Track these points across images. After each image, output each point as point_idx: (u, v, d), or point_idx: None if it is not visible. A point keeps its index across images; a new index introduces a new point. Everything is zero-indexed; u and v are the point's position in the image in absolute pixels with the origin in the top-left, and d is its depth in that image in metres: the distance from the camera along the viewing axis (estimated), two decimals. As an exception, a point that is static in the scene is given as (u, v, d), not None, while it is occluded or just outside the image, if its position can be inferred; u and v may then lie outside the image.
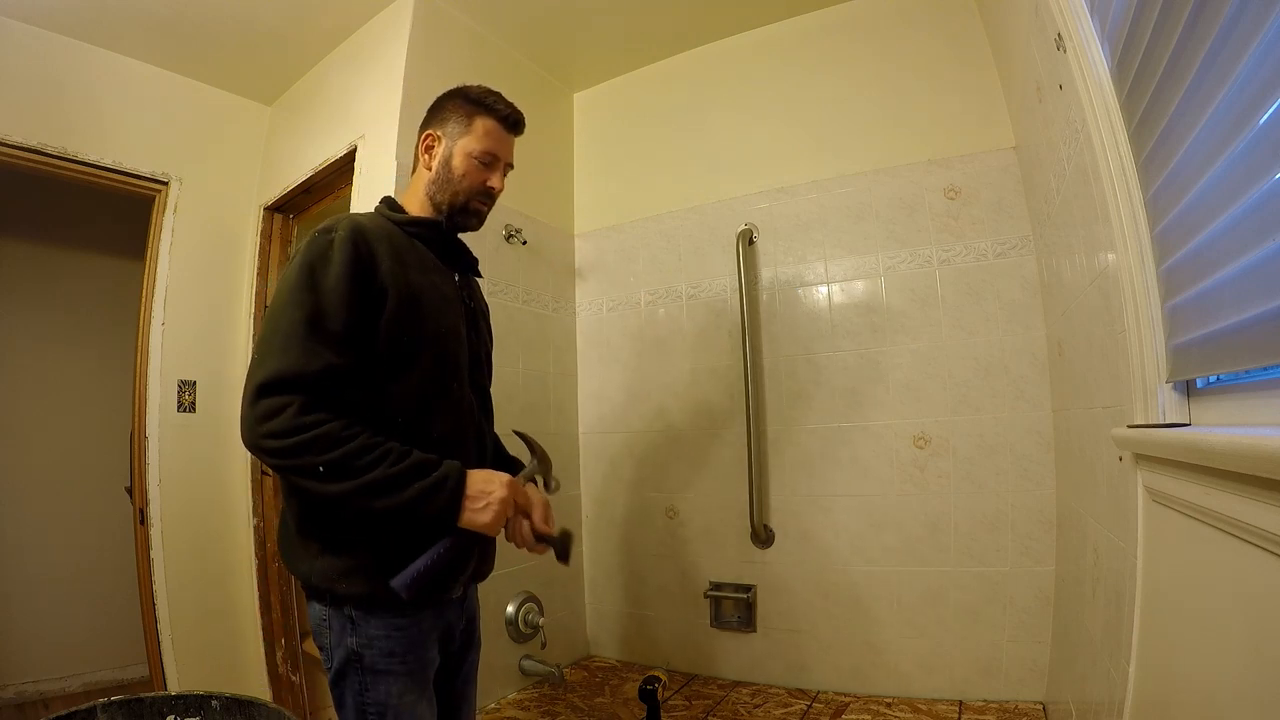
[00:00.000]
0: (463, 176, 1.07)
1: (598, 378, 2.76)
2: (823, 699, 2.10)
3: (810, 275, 2.36)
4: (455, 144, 1.07)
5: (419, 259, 1.02)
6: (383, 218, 1.04)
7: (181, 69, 2.46)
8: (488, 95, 1.10)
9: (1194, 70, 0.79)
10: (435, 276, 1.04)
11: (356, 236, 0.93)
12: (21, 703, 2.66)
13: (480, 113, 1.08)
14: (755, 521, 2.29)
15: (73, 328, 3.00)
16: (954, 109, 2.19)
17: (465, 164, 1.07)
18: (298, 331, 0.86)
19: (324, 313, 0.88)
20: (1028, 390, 2.00)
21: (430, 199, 1.08)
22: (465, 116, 1.08)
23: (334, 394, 0.86)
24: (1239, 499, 0.69)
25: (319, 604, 0.95)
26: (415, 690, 0.96)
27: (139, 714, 0.78)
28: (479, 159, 1.07)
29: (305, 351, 0.85)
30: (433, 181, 1.08)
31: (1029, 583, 1.94)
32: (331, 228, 0.95)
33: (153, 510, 2.23)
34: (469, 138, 1.07)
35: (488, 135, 1.08)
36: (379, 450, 0.85)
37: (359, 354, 0.90)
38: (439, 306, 1.01)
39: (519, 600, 2.27)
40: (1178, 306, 0.95)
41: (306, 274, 0.90)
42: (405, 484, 0.85)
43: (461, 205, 1.08)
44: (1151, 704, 1.00)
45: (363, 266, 0.92)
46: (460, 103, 1.09)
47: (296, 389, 0.83)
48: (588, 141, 2.96)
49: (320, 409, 0.84)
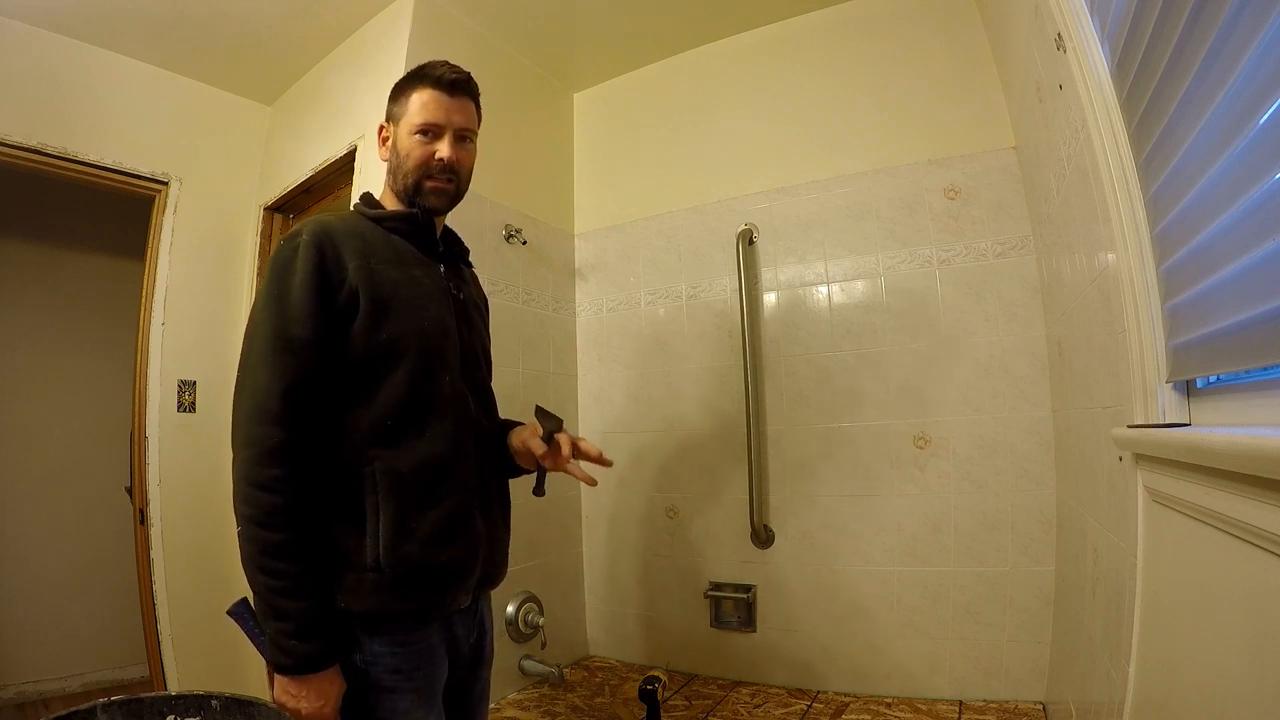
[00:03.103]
0: (407, 156, 1.02)
1: (598, 378, 2.76)
2: (823, 699, 2.10)
3: (810, 275, 2.36)
4: (399, 126, 1.04)
5: (395, 253, 0.99)
6: (357, 215, 1.02)
7: (181, 69, 2.46)
8: (424, 65, 1.04)
9: (1194, 70, 0.79)
10: (416, 270, 1.00)
11: (321, 239, 0.92)
12: (21, 703, 2.65)
13: (414, 86, 1.03)
14: (755, 521, 2.29)
15: (73, 328, 3.00)
16: (954, 109, 2.19)
17: (407, 143, 1.02)
18: (268, 350, 0.87)
19: (290, 322, 0.87)
20: (1028, 390, 2.00)
21: (392, 189, 1.05)
22: (403, 96, 1.04)
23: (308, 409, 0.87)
24: (1239, 499, 0.69)
25: None
26: (423, 706, 0.92)
27: (139, 714, 0.78)
28: (418, 132, 1.01)
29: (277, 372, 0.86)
30: (390, 171, 1.05)
31: (1029, 583, 1.94)
32: (297, 233, 0.93)
33: (153, 510, 2.23)
34: (407, 115, 1.02)
35: (424, 107, 1.01)
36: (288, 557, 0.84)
37: (333, 358, 0.89)
38: (419, 301, 0.97)
39: (519, 600, 2.27)
40: (1178, 306, 0.95)
41: (274, 284, 0.89)
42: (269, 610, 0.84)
43: (414, 185, 1.02)
44: (1151, 704, 1.00)
45: (326, 269, 0.90)
46: (400, 84, 1.05)
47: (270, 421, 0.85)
48: (588, 141, 2.96)
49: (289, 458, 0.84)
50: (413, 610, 0.91)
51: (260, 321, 0.89)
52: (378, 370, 0.92)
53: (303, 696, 0.84)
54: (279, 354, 0.86)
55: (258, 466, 0.84)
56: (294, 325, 0.87)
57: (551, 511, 2.50)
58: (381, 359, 0.92)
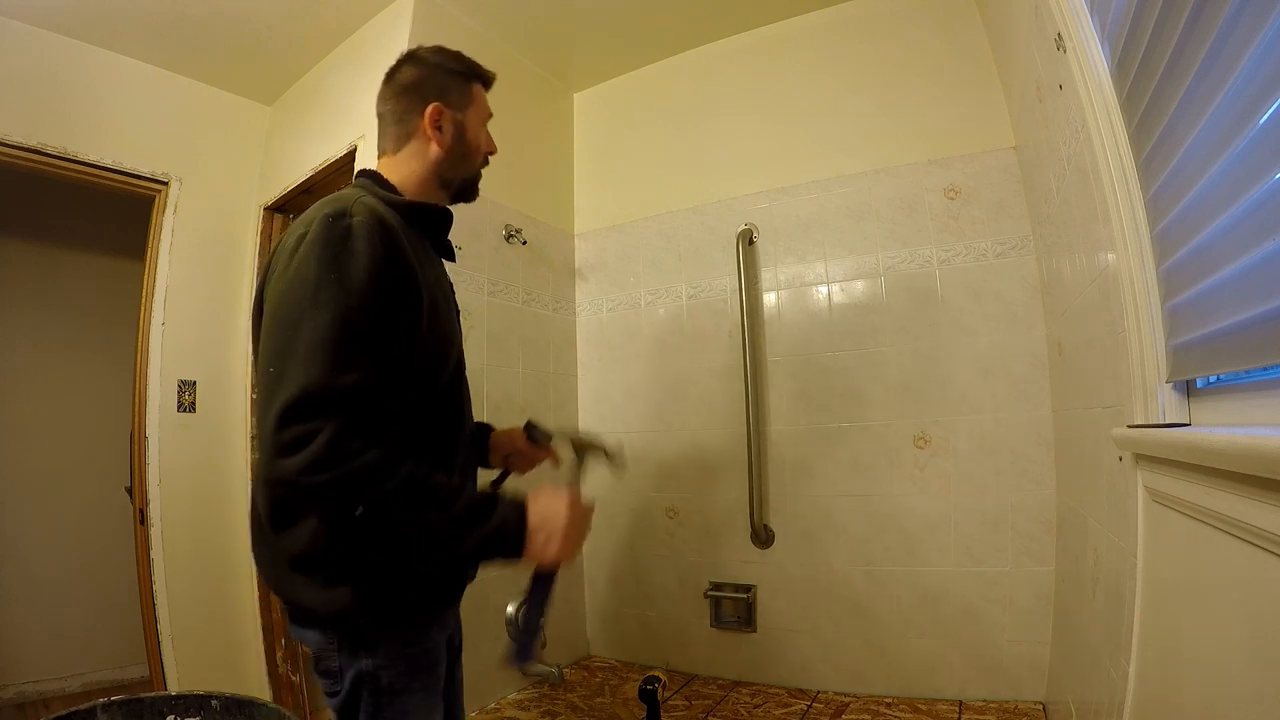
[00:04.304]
0: (477, 146, 1.03)
1: (598, 378, 2.75)
2: (823, 699, 2.10)
3: (810, 275, 2.36)
4: (464, 115, 1.01)
5: (425, 251, 0.94)
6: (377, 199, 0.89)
7: (181, 69, 2.46)
8: (469, 61, 1.04)
9: (1194, 70, 0.79)
10: (438, 269, 0.98)
11: (380, 226, 0.80)
12: (21, 703, 2.65)
13: (473, 80, 1.04)
14: (755, 521, 2.29)
15: (73, 328, 3.00)
16: (954, 108, 2.19)
17: (480, 133, 1.03)
18: (326, 337, 0.72)
19: (355, 312, 0.74)
20: (1028, 390, 2.00)
21: (440, 177, 1.00)
22: (463, 84, 1.02)
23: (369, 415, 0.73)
24: (1239, 499, 0.69)
25: (319, 631, 0.85)
26: (429, 704, 0.91)
27: (139, 714, 0.78)
28: (485, 124, 1.04)
29: (337, 362, 0.71)
30: (445, 160, 0.99)
31: (1029, 583, 1.94)
32: (345, 211, 0.80)
33: (153, 510, 2.23)
34: (474, 107, 1.02)
35: (485, 101, 1.05)
36: (427, 488, 0.74)
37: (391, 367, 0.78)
38: (447, 306, 0.95)
39: (519, 600, 2.27)
40: (1178, 306, 0.95)
41: (327, 266, 0.75)
42: (460, 535, 0.76)
43: (474, 177, 1.04)
44: (1151, 704, 1.00)
45: (392, 261, 0.80)
46: (450, 73, 1.02)
47: (330, 411, 0.70)
48: (588, 141, 2.96)
49: (358, 434, 0.71)
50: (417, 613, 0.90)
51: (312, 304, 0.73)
52: (426, 377, 0.87)
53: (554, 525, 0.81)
54: (339, 347, 0.72)
55: (335, 444, 0.69)
56: (358, 317, 0.74)
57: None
58: (430, 364, 0.88)
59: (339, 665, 0.85)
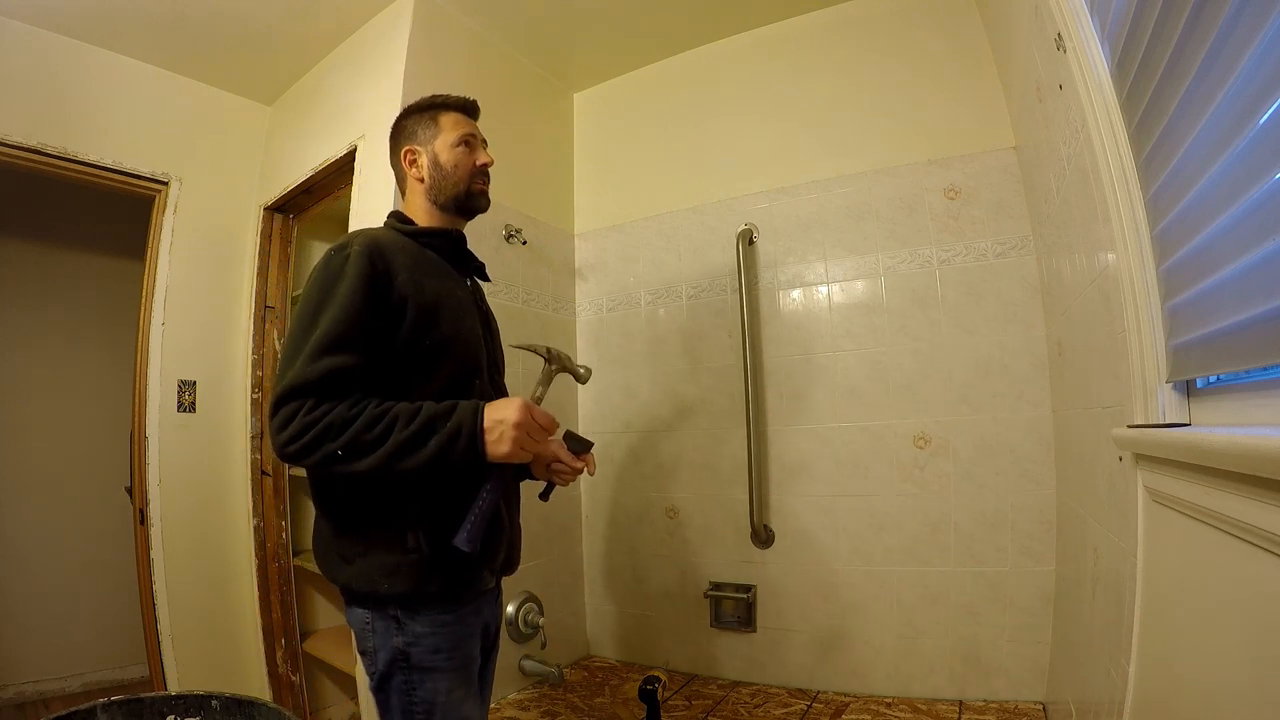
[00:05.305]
0: (455, 167, 1.12)
1: (598, 378, 2.75)
2: (823, 699, 2.10)
3: (810, 275, 2.36)
4: (433, 145, 1.12)
5: (434, 267, 1.07)
6: (394, 231, 1.08)
7: (181, 69, 2.46)
8: (437, 96, 1.16)
9: (1194, 70, 0.79)
10: (451, 283, 1.08)
11: (371, 251, 0.96)
12: (21, 703, 2.66)
13: (439, 111, 1.14)
14: (755, 521, 2.29)
15: (73, 328, 3.00)
16: (954, 109, 2.19)
17: (451, 155, 1.12)
18: (314, 345, 0.89)
19: (333, 322, 0.90)
20: (1028, 390, 2.00)
21: (434, 203, 1.12)
22: (429, 120, 1.14)
23: (346, 391, 0.88)
24: (1239, 499, 0.69)
25: (360, 608, 0.97)
26: (462, 687, 0.97)
27: (139, 714, 0.78)
28: (460, 144, 1.13)
29: (308, 360, 0.88)
30: (430, 188, 1.12)
31: (1029, 583, 1.94)
32: (346, 244, 0.97)
33: (153, 510, 2.23)
34: (443, 134, 1.13)
35: (456, 124, 1.14)
36: (388, 417, 0.87)
37: (375, 356, 0.92)
38: (457, 311, 1.05)
39: (519, 600, 2.27)
40: (1178, 306, 0.95)
41: (321, 292, 0.93)
42: (423, 441, 0.87)
43: (465, 192, 1.13)
44: (1151, 704, 1.00)
45: (377, 278, 0.94)
46: (417, 114, 1.15)
47: (303, 394, 0.86)
48: (588, 141, 2.96)
49: (326, 404, 0.86)
50: (448, 592, 0.97)
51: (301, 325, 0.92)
52: (423, 371, 0.98)
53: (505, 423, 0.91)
54: (313, 349, 0.88)
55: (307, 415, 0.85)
56: (334, 323, 0.90)
57: (552, 512, 2.50)
58: (423, 362, 0.98)
59: (374, 645, 0.95)
